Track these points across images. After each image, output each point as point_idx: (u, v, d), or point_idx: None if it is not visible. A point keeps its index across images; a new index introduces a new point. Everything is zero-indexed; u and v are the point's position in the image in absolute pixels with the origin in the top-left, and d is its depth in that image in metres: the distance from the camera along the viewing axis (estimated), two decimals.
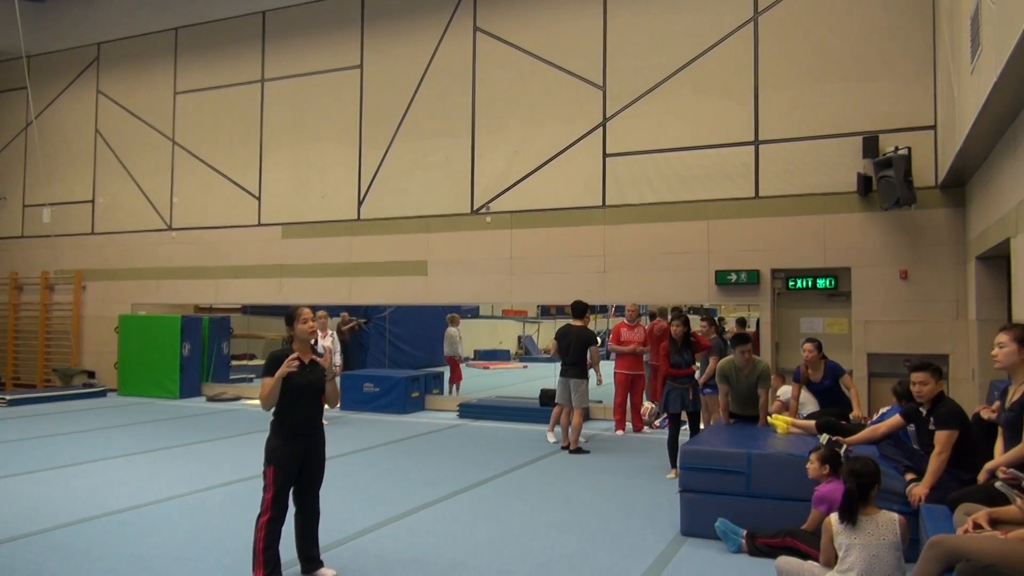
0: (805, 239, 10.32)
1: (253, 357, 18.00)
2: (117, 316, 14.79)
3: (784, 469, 5.24)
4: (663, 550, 5.10)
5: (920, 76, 9.78)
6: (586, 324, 9.28)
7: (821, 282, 10.34)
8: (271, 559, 4.18)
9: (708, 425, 8.53)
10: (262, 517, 4.20)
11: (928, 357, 8.73)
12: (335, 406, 4.65)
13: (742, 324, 11.58)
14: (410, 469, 7.78)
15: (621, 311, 14.46)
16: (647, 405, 10.67)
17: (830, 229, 10.19)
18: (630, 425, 10.39)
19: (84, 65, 16.09)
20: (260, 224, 14.16)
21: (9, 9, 14.32)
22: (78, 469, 7.62)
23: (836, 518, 3.91)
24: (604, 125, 11.54)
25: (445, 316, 15.48)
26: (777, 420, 6.36)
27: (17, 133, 16.62)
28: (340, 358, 11.82)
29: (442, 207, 12.62)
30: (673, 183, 11.07)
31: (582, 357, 9.01)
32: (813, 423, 6.20)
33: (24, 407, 12.58)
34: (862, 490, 3.87)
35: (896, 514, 3.92)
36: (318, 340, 10.69)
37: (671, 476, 7.28)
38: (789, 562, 4.23)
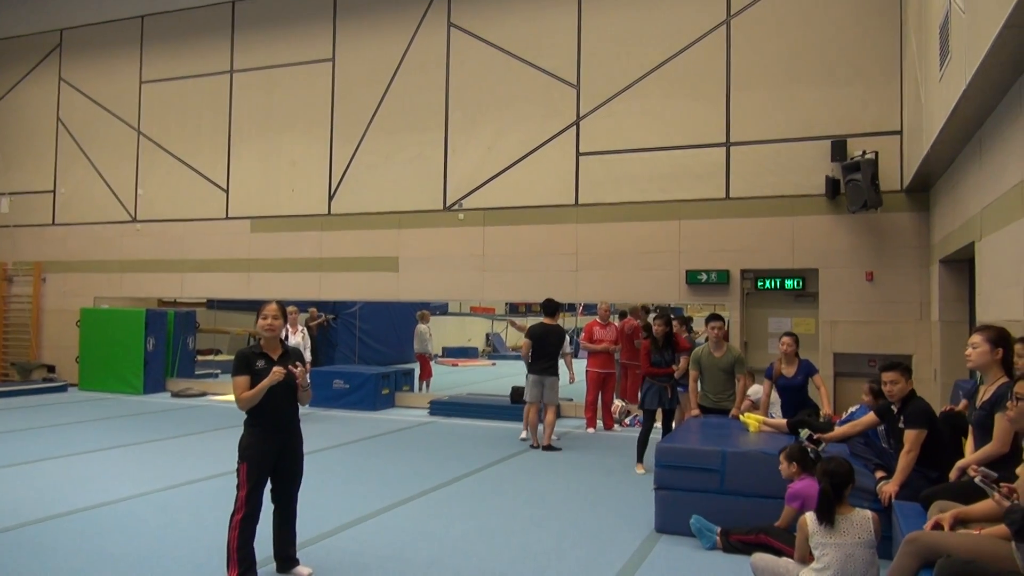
0: (774, 240, 10.46)
1: (219, 352, 17.75)
2: (78, 309, 14.45)
3: (758, 467, 5.31)
4: (638, 547, 5.14)
5: (887, 82, 9.97)
6: (556, 322, 9.31)
7: (789, 283, 10.50)
8: (246, 558, 4.12)
9: (682, 422, 8.62)
10: (236, 515, 4.13)
11: (892, 357, 8.93)
12: (305, 402, 4.59)
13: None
14: (383, 466, 7.73)
15: (590, 309, 14.53)
16: (617, 403, 10.74)
17: (799, 230, 10.35)
18: (601, 423, 10.46)
19: (46, 51, 15.66)
20: (228, 217, 13.93)
21: None
22: (39, 466, 7.42)
23: (812, 518, 3.97)
24: (578, 124, 11.57)
25: (415, 313, 15.42)
26: (749, 418, 6.44)
27: None
28: (310, 354, 11.70)
29: (414, 203, 12.54)
30: (645, 183, 11.14)
31: (557, 355, 9.05)
32: (784, 422, 6.29)
33: None
34: (837, 490, 3.94)
35: (870, 512, 3.99)
36: (288, 336, 10.58)
37: (639, 471, 7.36)
38: (764, 559, 4.28)
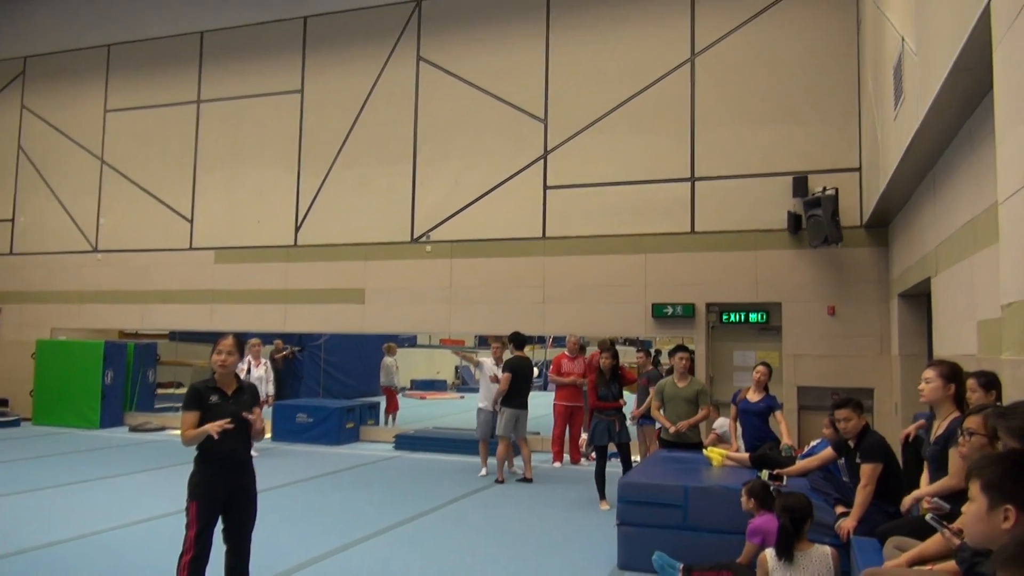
0: (738, 274, 10.58)
1: (180, 385, 17.36)
2: (34, 341, 14.09)
3: (720, 502, 5.29)
4: None
5: (846, 120, 10.22)
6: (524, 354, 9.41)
7: (753, 316, 10.60)
8: None
9: (646, 456, 8.59)
10: (184, 556, 4.00)
11: (854, 391, 9.04)
12: (258, 440, 4.44)
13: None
14: (343, 503, 7.58)
15: (560, 342, 14.53)
16: (585, 437, 10.68)
17: (762, 265, 10.49)
18: (568, 456, 10.39)
19: (9, 79, 15.46)
20: (192, 248, 13.75)
21: None
22: None
23: (772, 554, 3.96)
24: (545, 158, 11.67)
25: (382, 345, 15.28)
26: (712, 453, 6.44)
27: None
28: (272, 387, 11.53)
29: (381, 235, 12.50)
30: (612, 216, 11.23)
31: (530, 388, 9.23)
32: (747, 456, 6.30)
33: None
34: (795, 525, 3.94)
35: (829, 547, 3.99)
36: (251, 369, 10.41)
37: (604, 508, 7.29)
38: None
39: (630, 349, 15.05)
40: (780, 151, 10.48)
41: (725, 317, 10.73)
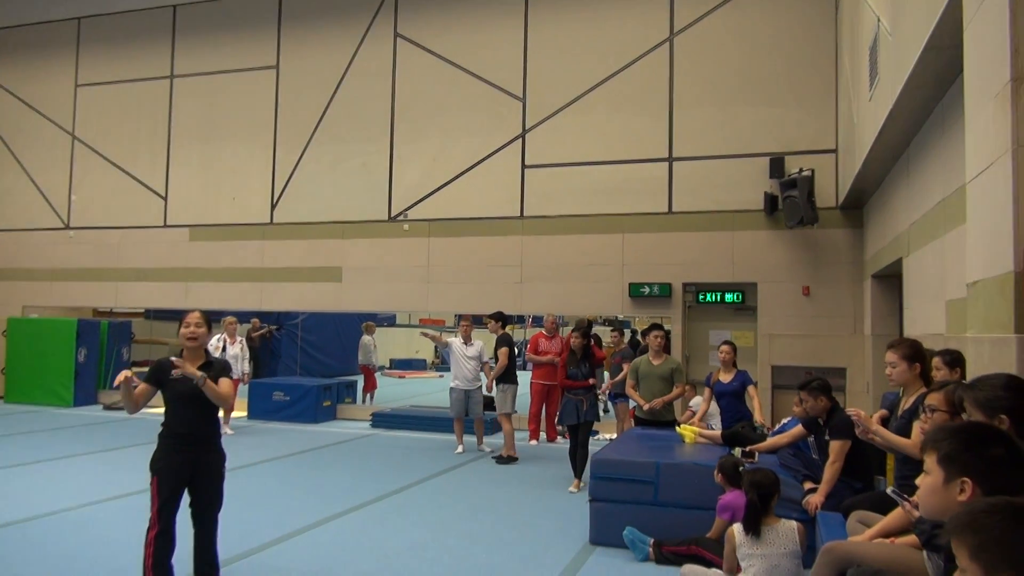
0: (715, 254, 10.63)
1: None
2: (6, 319, 13.88)
3: (691, 478, 5.34)
4: (572, 559, 5.12)
5: (823, 101, 10.25)
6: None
7: (729, 296, 10.67)
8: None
9: (620, 433, 8.66)
10: (150, 531, 3.99)
11: (827, 370, 9.17)
12: (225, 407, 4.38)
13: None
14: (319, 480, 7.57)
15: (539, 322, 14.55)
16: None
17: (738, 245, 10.54)
18: (544, 435, 10.45)
19: None
20: (166, 225, 13.58)
21: None
22: None
23: (739, 529, 4.01)
24: (523, 137, 11.61)
25: (360, 324, 15.22)
26: (685, 430, 6.49)
27: None
28: (249, 365, 11.47)
29: (358, 213, 12.40)
30: (590, 196, 11.22)
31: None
32: (719, 433, 6.36)
33: None
34: (763, 500, 3.99)
35: (795, 522, 4.05)
36: (227, 347, 10.34)
37: (572, 489, 7.25)
38: (694, 570, 4.31)
39: (605, 329, 15.09)
40: (757, 132, 10.50)
41: (701, 297, 10.79)
